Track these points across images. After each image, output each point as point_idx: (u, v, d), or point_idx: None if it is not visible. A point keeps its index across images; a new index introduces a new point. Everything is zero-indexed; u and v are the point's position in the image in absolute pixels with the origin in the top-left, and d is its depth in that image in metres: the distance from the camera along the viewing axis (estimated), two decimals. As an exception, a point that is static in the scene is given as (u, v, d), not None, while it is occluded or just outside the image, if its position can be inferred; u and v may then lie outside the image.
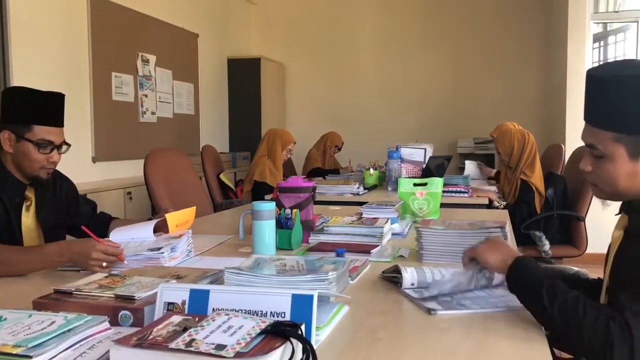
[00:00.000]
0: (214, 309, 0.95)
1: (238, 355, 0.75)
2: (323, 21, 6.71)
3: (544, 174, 3.50)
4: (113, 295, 1.12)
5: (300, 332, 0.84)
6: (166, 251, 1.61)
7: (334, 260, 1.37)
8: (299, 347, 0.81)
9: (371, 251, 1.71)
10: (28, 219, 1.89)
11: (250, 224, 1.76)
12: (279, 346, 0.78)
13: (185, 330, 0.82)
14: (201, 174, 4.02)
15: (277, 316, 0.93)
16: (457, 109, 6.37)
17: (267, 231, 1.73)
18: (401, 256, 1.71)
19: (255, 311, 0.94)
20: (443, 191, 2.53)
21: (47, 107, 1.87)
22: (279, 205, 1.88)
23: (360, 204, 2.41)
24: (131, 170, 4.31)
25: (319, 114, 6.76)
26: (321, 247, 1.77)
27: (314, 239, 1.88)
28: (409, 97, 6.52)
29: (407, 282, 1.33)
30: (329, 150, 5.45)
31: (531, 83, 6.17)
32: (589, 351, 1.00)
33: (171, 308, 0.98)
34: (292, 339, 0.80)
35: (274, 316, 0.93)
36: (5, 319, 0.97)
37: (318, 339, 1.00)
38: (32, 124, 1.82)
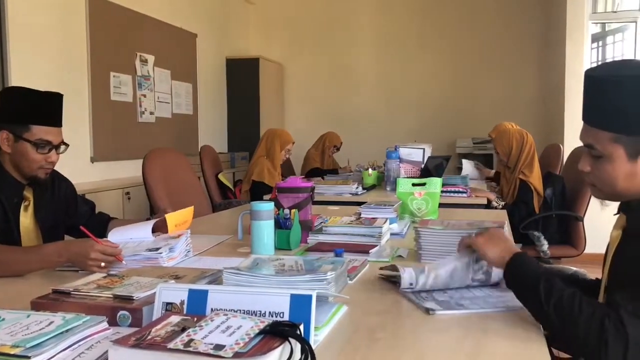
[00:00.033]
0: (212, 309, 0.95)
1: (237, 355, 0.75)
2: (322, 21, 6.71)
3: (542, 174, 3.50)
4: (111, 296, 1.12)
5: (298, 332, 0.84)
6: (165, 251, 1.60)
7: (333, 260, 1.36)
8: (297, 347, 0.81)
9: (370, 251, 1.71)
10: (26, 219, 1.89)
11: (249, 224, 1.76)
12: (278, 346, 0.78)
13: (183, 330, 0.82)
14: (200, 174, 4.02)
15: (276, 316, 0.93)
16: (456, 109, 6.38)
17: (265, 231, 1.72)
18: (400, 256, 1.72)
19: (254, 311, 0.94)
20: (442, 191, 2.53)
21: (45, 107, 1.86)
22: (278, 206, 1.88)
23: (359, 204, 2.41)
24: (130, 170, 4.31)
25: (318, 114, 6.76)
26: (320, 247, 1.77)
27: (313, 239, 1.88)
28: (408, 97, 6.52)
29: (405, 283, 1.33)
30: (327, 150, 5.45)
31: (530, 83, 6.18)
32: (584, 348, 1.01)
33: (170, 308, 0.98)
34: (290, 339, 0.81)
35: (272, 316, 0.93)
36: (3, 319, 0.97)
37: (316, 339, 1.00)
38: (30, 124, 1.81)
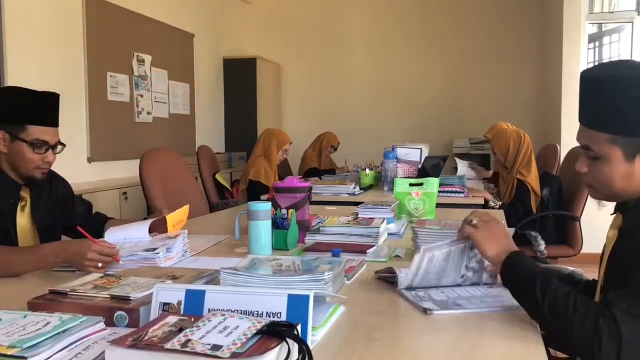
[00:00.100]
0: (209, 309, 0.95)
1: (234, 355, 0.75)
2: (319, 21, 6.71)
3: (539, 174, 3.51)
4: (108, 296, 1.12)
5: (296, 332, 0.84)
6: (162, 251, 1.60)
7: (330, 260, 1.36)
8: (294, 347, 0.81)
9: (367, 251, 1.71)
10: (23, 219, 1.89)
11: (246, 224, 1.76)
12: (275, 346, 0.78)
13: (181, 330, 0.82)
14: (197, 174, 4.01)
15: (273, 316, 0.93)
16: (453, 109, 6.39)
17: (263, 231, 1.72)
18: (397, 256, 1.72)
19: (251, 311, 0.94)
20: (439, 191, 2.53)
21: (41, 107, 1.86)
22: (275, 206, 1.88)
23: (356, 204, 2.41)
24: (126, 170, 4.30)
25: (315, 114, 6.76)
26: (317, 247, 1.76)
27: (310, 239, 1.87)
28: (405, 97, 6.53)
29: (402, 283, 1.33)
30: (324, 150, 5.45)
31: (527, 83, 6.19)
32: (579, 347, 1.01)
33: (167, 308, 0.98)
34: (288, 339, 0.81)
35: (269, 316, 0.93)
36: (0, 320, 0.96)
37: (314, 339, 1.00)
38: (26, 123, 1.81)
